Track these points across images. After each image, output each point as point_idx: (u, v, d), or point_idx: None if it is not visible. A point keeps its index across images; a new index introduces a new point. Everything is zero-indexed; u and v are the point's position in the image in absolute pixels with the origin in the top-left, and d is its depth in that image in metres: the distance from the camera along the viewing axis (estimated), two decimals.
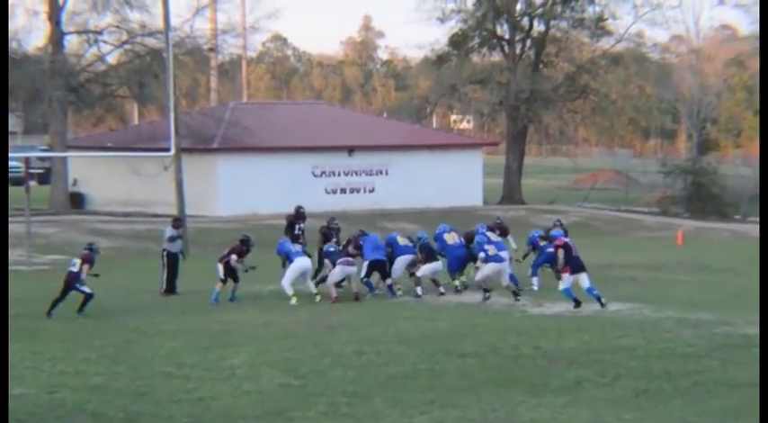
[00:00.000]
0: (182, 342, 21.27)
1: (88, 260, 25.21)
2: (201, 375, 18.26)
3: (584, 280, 25.08)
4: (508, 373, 18.28)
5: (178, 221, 29.72)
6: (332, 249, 27.59)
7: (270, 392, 17.11)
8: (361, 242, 27.86)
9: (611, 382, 17.66)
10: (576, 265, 25.13)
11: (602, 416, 15.62)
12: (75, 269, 25.11)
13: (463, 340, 21.11)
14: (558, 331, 22.10)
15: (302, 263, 26.93)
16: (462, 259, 28.18)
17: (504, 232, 30.07)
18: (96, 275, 25.33)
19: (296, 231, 30.56)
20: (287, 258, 27.29)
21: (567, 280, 25.22)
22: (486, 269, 26.71)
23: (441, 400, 16.47)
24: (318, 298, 26.70)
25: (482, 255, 26.69)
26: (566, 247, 25.38)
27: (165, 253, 28.47)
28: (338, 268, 26.96)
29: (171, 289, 28.21)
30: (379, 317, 24.15)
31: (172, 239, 28.48)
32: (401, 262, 27.84)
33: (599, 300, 24.90)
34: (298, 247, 27.62)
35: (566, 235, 28.57)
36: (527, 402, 16.36)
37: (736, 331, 21.83)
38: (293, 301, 26.29)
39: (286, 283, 26.71)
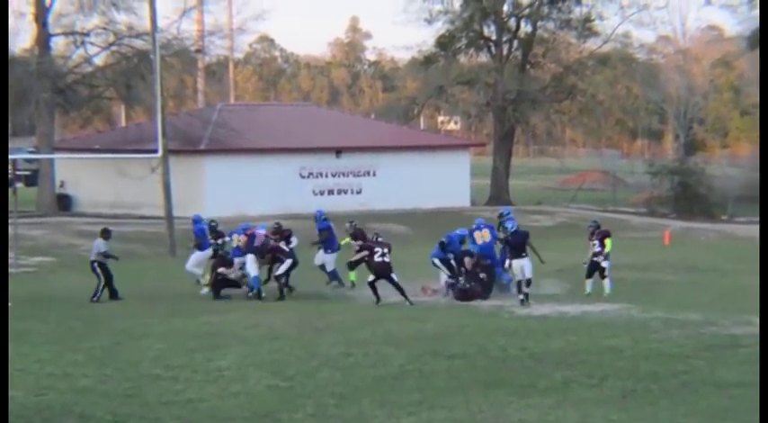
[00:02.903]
0: (169, 344, 21.24)
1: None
2: (189, 377, 18.25)
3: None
4: (496, 374, 18.30)
5: (108, 233, 28.64)
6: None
7: (257, 394, 17.11)
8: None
9: (599, 382, 17.69)
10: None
11: (589, 416, 15.65)
12: (388, 259, 26.59)
13: (451, 341, 21.12)
14: (546, 332, 22.13)
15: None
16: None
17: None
18: None
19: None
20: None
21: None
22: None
23: (428, 401, 16.48)
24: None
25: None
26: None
27: (96, 264, 27.52)
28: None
29: (114, 294, 27.42)
30: (366, 318, 24.15)
31: (106, 256, 27.63)
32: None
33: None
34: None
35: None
36: (515, 403, 16.38)
37: (723, 331, 21.87)
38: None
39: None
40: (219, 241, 29.18)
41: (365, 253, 27.32)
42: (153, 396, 16.96)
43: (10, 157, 45.84)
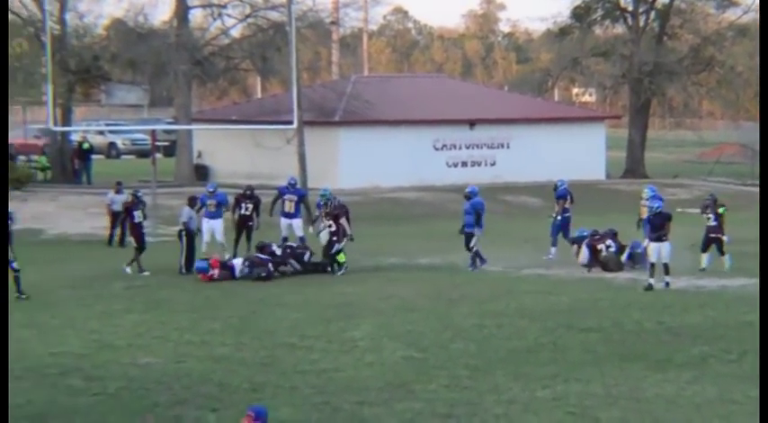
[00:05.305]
0: (304, 314, 21.48)
1: None
2: (324, 347, 18.43)
3: None
4: (631, 348, 18.15)
5: (193, 200, 29.11)
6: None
7: (392, 365, 17.21)
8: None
9: (738, 358, 17.44)
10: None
11: (728, 392, 15.44)
12: None
13: (585, 315, 21.01)
14: (683, 306, 21.88)
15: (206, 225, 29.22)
16: None
17: None
18: None
19: (242, 211, 30.54)
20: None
21: None
22: None
23: (563, 375, 16.41)
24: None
25: None
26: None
27: (183, 232, 27.86)
28: None
29: (189, 268, 27.34)
30: (500, 290, 24.12)
31: (185, 225, 28.01)
32: None
33: None
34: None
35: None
36: (651, 377, 16.23)
37: None
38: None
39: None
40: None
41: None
42: (289, 365, 17.16)
43: (149, 127, 46.66)
